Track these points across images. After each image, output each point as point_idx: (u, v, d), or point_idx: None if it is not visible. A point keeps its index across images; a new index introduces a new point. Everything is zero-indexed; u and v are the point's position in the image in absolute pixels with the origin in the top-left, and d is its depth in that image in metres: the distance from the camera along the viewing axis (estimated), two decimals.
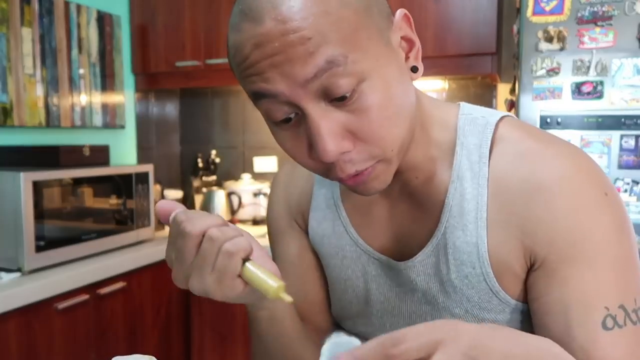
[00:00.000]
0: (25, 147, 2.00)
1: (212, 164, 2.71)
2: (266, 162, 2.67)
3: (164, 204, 0.59)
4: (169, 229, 0.58)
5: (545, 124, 1.68)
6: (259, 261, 0.56)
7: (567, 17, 1.63)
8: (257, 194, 2.55)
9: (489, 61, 2.02)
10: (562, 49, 1.64)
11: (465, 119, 0.67)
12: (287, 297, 0.53)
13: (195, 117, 2.86)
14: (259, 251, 0.57)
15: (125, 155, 2.57)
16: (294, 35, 0.51)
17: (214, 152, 2.75)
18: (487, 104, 2.26)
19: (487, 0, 1.97)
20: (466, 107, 0.69)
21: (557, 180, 0.60)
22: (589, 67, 1.62)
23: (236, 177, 2.71)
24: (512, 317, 0.64)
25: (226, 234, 0.54)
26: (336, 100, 0.54)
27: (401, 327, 0.70)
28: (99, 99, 2.34)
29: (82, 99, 2.26)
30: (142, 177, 2.13)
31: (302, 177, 0.79)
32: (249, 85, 0.55)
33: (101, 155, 2.06)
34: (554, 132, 0.68)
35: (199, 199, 2.59)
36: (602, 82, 1.61)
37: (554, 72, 1.66)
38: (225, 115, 2.79)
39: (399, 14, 0.59)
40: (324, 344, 0.50)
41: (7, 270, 1.65)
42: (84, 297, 1.75)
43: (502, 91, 2.28)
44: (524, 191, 0.61)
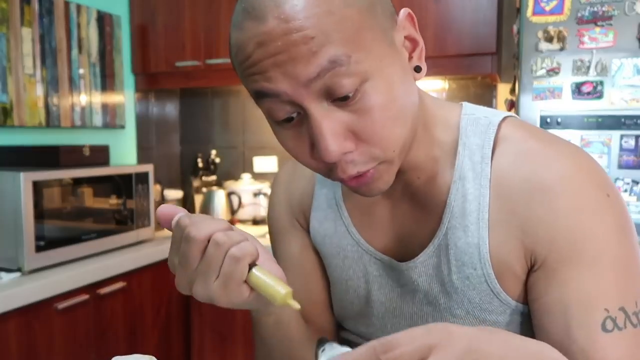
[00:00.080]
0: (25, 147, 2.00)
1: (212, 164, 2.71)
2: (266, 162, 2.67)
3: (165, 209, 0.57)
4: (172, 234, 0.56)
5: (545, 124, 1.68)
6: (265, 266, 0.55)
7: (567, 17, 1.63)
8: (257, 194, 2.55)
9: (489, 61, 2.02)
10: (562, 49, 1.64)
11: (467, 119, 0.66)
12: (295, 304, 0.52)
13: (195, 117, 2.86)
14: (265, 255, 0.57)
15: (125, 155, 2.57)
16: (297, 34, 0.50)
17: (214, 152, 2.75)
18: (487, 104, 2.26)
19: (487, 0, 1.98)
20: (469, 107, 0.68)
21: (559, 180, 0.59)
22: (589, 67, 1.62)
23: (236, 177, 2.70)
24: (511, 319, 0.64)
25: (232, 238, 0.53)
26: (339, 100, 0.53)
27: (402, 327, 0.70)
28: (99, 99, 2.34)
29: (82, 99, 2.26)
30: (142, 177, 2.12)
31: (304, 176, 0.79)
32: (251, 84, 0.55)
33: (101, 155, 2.06)
34: (554, 132, 0.68)
35: (199, 199, 2.59)
36: (602, 82, 1.61)
37: (554, 72, 1.66)
38: (225, 115, 2.79)
39: (402, 14, 0.59)
40: (318, 350, 0.49)
41: (7, 270, 1.65)
42: (84, 297, 1.75)
43: (502, 91, 2.28)
44: (525, 191, 0.60)
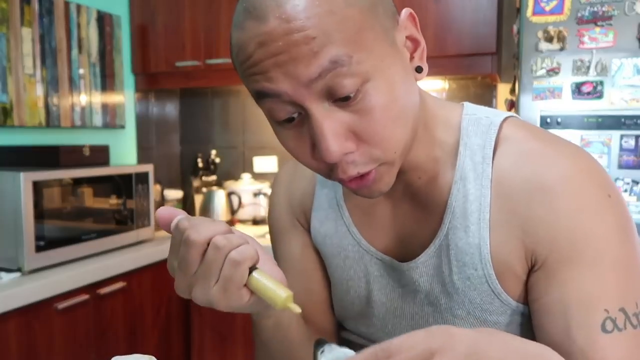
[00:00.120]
0: (25, 147, 2.00)
1: (212, 164, 2.71)
2: (266, 162, 2.67)
3: (164, 211, 0.57)
4: (171, 237, 0.56)
5: (545, 124, 1.68)
6: (265, 268, 0.55)
7: (567, 17, 1.63)
8: (257, 194, 2.55)
9: (489, 61, 2.02)
10: (562, 49, 1.64)
11: (469, 119, 0.66)
12: (295, 308, 0.52)
13: (195, 117, 2.86)
14: (265, 257, 0.56)
15: (125, 155, 2.57)
16: (298, 34, 0.50)
17: (214, 152, 2.74)
18: (487, 104, 2.26)
19: (487, 0, 1.98)
20: (470, 107, 0.68)
21: (560, 180, 0.59)
22: (589, 67, 1.62)
23: (236, 177, 2.70)
24: (512, 319, 0.64)
25: (232, 242, 0.52)
26: (340, 100, 0.53)
27: (403, 327, 0.70)
28: (99, 99, 2.34)
29: (82, 99, 2.26)
30: (142, 177, 2.12)
31: (305, 176, 0.79)
32: (252, 84, 0.55)
33: (101, 155, 2.06)
34: (554, 132, 0.68)
35: (199, 199, 2.59)
36: (602, 82, 1.61)
37: (554, 72, 1.66)
38: (225, 115, 2.79)
39: (404, 13, 0.58)
40: (317, 352, 0.49)
41: (7, 270, 1.65)
42: (84, 297, 1.75)
43: (502, 91, 2.28)
44: (526, 191, 0.60)
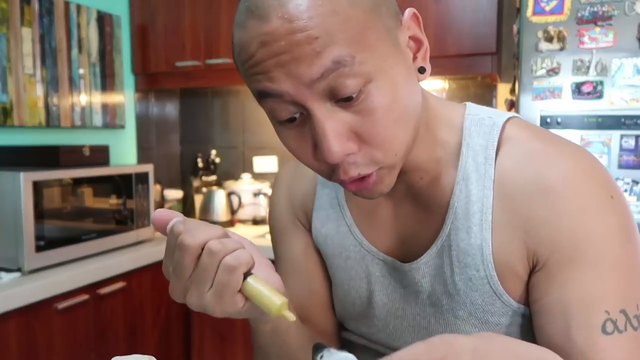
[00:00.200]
0: (25, 147, 2.00)
1: (212, 164, 2.71)
2: (266, 162, 2.67)
3: (161, 213, 0.55)
4: (166, 240, 0.55)
5: (545, 124, 1.68)
6: (262, 274, 0.54)
7: (567, 17, 1.63)
8: (257, 194, 2.55)
9: (489, 61, 2.02)
10: (562, 49, 1.64)
11: (471, 119, 0.66)
12: (290, 315, 0.51)
13: (195, 117, 2.86)
14: (262, 262, 0.55)
15: (125, 155, 2.56)
16: (300, 34, 0.50)
17: (214, 152, 2.74)
18: (487, 104, 2.26)
19: (487, 0, 1.98)
20: (472, 108, 0.68)
21: (561, 180, 0.59)
22: (589, 67, 1.63)
23: (236, 177, 2.70)
24: (513, 320, 0.64)
25: (227, 246, 0.51)
26: (342, 100, 0.53)
27: (404, 328, 0.70)
28: (99, 99, 2.34)
29: (82, 99, 2.26)
30: (142, 177, 2.12)
31: (305, 176, 0.78)
32: (254, 84, 0.55)
33: (101, 155, 2.05)
34: (554, 132, 0.68)
35: (199, 199, 2.59)
36: (602, 82, 1.61)
37: (554, 72, 1.66)
38: (225, 115, 2.78)
39: (407, 13, 0.58)
40: (316, 357, 0.48)
41: (7, 270, 1.65)
42: (84, 297, 1.75)
43: (502, 91, 2.28)
44: (528, 192, 0.60)
